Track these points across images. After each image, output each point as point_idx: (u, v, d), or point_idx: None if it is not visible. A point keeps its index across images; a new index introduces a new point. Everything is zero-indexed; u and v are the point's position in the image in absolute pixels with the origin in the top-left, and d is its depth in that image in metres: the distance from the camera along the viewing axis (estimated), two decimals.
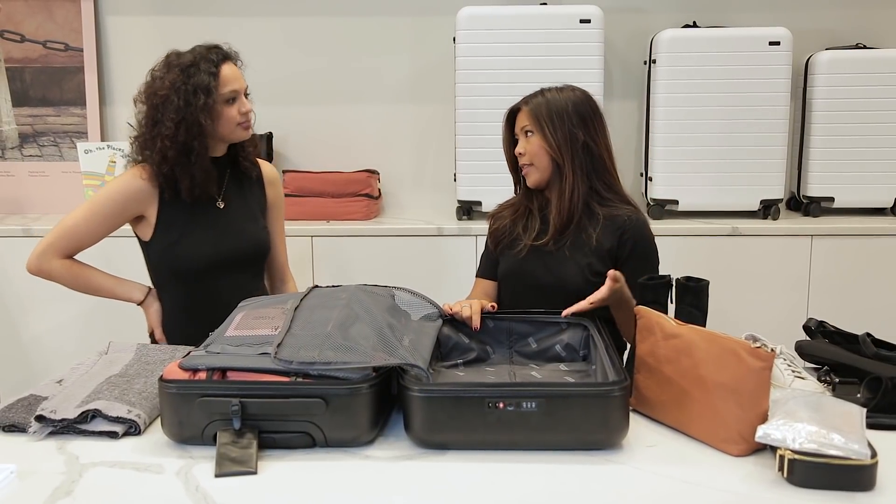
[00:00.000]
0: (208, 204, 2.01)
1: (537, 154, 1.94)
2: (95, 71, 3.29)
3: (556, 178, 1.96)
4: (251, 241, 2.06)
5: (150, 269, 2.05)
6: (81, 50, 3.28)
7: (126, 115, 3.35)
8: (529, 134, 1.95)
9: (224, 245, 2.01)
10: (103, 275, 2.03)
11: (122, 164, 3.14)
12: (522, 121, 1.97)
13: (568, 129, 1.91)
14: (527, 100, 1.98)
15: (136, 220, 2.00)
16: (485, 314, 1.79)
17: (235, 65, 1.98)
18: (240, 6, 3.28)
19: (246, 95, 1.98)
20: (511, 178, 2.10)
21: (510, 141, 2.02)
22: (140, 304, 2.05)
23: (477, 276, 2.15)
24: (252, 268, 2.09)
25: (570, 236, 1.95)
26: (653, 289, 1.61)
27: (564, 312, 1.73)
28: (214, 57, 1.92)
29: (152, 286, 2.06)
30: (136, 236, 2.03)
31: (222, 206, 2.03)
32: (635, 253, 1.93)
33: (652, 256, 1.97)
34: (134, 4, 3.30)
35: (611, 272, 1.71)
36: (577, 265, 1.93)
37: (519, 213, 2.05)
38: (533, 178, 1.98)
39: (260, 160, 2.16)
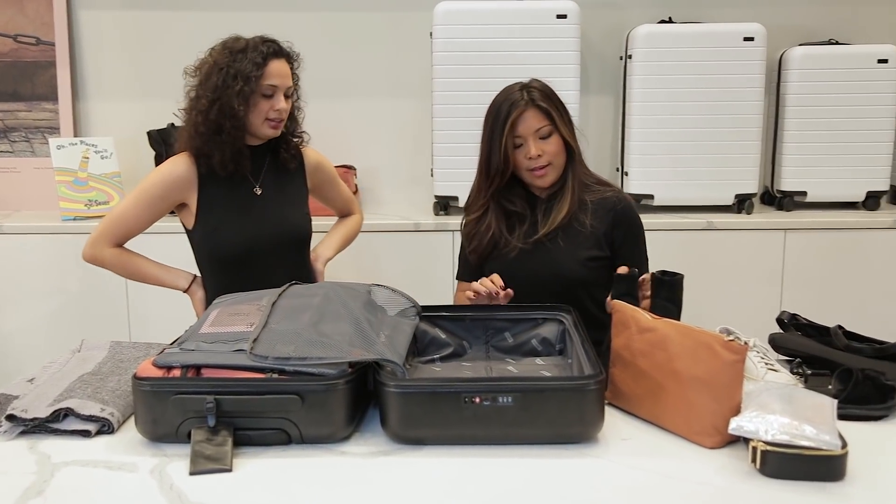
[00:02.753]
0: (245, 190, 2.05)
1: (558, 153, 1.90)
2: (68, 65, 3.25)
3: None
4: (290, 227, 2.09)
5: (195, 257, 2.10)
6: (53, 44, 3.23)
7: (99, 110, 3.34)
8: (546, 133, 1.88)
9: (262, 231, 2.04)
10: (151, 263, 2.09)
11: (95, 160, 3.11)
12: (533, 123, 1.87)
13: (569, 117, 1.92)
14: (528, 99, 1.87)
15: (180, 209, 2.06)
16: (461, 309, 1.80)
17: (290, 64, 2.01)
18: (214, 1, 3.25)
19: (288, 96, 2.00)
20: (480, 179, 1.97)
21: (508, 147, 1.88)
22: (185, 291, 2.10)
23: (459, 278, 2.10)
24: (292, 253, 2.11)
25: (562, 225, 1.93)
26: (627, 282, 1.62)
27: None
28: (265, 49, 1.95)
29: (198, 274, 2.11)
30: (183, 225, 2.08)
31: (259, 193, 2.06)
32: (630, 232, 1.94)
33: (642, 233, 1.98)
34: None
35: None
36: (573, 254, 1.91)
37: (497, 224, 1.96)
38: (549, 179, 1.91)
39: (305, 148, 2.18)
